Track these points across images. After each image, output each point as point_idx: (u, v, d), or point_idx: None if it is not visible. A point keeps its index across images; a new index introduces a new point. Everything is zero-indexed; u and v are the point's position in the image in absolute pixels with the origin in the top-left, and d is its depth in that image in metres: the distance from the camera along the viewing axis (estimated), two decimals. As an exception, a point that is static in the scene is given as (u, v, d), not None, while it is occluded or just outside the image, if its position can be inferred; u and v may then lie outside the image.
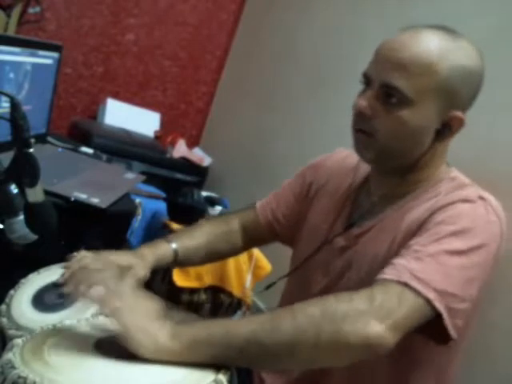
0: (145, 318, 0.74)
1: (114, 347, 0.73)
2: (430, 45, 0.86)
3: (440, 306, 0.78)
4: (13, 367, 0.65)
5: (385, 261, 0.86)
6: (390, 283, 0.78)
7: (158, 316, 0.76)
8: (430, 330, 0.81)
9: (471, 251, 0.81)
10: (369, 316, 0.73)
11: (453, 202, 0.85)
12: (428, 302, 0.77)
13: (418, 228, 0.86)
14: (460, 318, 0.81)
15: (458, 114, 0.88)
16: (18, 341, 0.71)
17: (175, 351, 0.72)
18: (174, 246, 1.02)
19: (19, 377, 0.63)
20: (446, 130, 0.89)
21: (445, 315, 0.78)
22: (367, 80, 0.90)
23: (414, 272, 0.78)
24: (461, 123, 0.89)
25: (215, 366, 0.73)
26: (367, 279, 0.87)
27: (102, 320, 0.82)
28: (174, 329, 0.74)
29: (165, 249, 1.02)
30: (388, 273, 0.80)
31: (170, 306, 1.00)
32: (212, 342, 0.72)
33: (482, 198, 0.87)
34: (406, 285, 0.77)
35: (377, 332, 0.72)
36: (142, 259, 0.95)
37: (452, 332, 0.80)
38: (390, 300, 0.76)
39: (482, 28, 1.55)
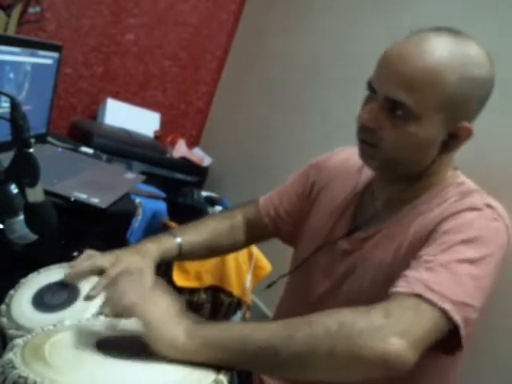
0: (165, 313, 0.74)
1: (115, 347, 0.73)
2: (438, 55, 0.82)
3: (457, 317, 0.75)
4: (13, 367, 0.65)
5: (390, 268, 0.85)
6: (403, 296, 0.75)
7: (177, 313, 0.75)
8: (441, 341, 0.77)
9: (481, 260, 0.79)
10: (386, 331, 0.70)
11: (460, 211, 0.83)
12: (444, 313, 0.74)
13: (426, 237, 0.84)
14: (472, 327, 0.79)
15: (466, 124, 0.86)
16: (19, 341, 0.71)
17: (188, 350, 0.71)
18: (178, 240, 1.04)
19: (20, 377, 0.63)
20: (453, 140, 0.87)
21: (461, 327, 0.75)
22: (372, 88, 0.88)
23: (427, 283, 0.76)
24: (468, 134, 0.87)
25: (216, 366, 0.73)
26: (371, 286, 0.86)
27: (103, 320, 0.82)
28: (190, 328, 0.73)
29: (170, 243, 1.03)
30: (401, 285, 0.77)
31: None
32: (225, 345, 0.72)
33: (489, 205, 0.84)
34: (420, 296, 0.74)
35: (396, 348, 0.69)
36: (147, 259, 0.96)
37: (464, 343, 0.78)
38: (406, 313, 0.73)
39: (485, 30, 1.54)
